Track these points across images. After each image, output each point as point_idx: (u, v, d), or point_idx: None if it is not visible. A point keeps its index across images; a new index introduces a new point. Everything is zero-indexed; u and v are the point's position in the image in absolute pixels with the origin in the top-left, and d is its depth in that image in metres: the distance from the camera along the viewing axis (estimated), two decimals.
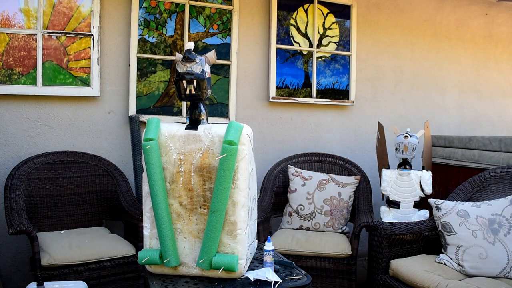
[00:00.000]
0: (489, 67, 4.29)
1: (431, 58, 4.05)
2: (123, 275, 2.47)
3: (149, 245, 1.66)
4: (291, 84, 3.53)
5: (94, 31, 2.94)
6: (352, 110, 3.76)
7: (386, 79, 3.89)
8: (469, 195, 2.57)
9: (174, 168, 1.60)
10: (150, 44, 3.12)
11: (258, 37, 3.45)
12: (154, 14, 3.12)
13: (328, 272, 2.71)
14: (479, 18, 4.21)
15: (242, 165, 1.57)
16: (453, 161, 3.28)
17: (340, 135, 3.74)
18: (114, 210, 2.83)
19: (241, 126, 1.60)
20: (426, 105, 4.04)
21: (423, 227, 2.46)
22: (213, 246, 1.56)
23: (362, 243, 3.53)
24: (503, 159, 2.84)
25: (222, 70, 3.32)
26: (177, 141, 1.60)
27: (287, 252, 2.68)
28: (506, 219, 2.19)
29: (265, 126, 3.50)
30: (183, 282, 1.61)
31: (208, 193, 1.59)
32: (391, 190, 2.96)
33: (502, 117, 4.39)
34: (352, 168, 3.30)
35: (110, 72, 3.04)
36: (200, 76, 1.58)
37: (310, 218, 2.99)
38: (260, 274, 1.61)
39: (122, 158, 3.09)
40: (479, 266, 2.14)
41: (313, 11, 3.56)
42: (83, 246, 2.38)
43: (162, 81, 3.17)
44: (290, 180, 3.14)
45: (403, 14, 3.92)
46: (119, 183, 2.86)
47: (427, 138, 3.27)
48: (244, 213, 1.59)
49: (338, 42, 3.66)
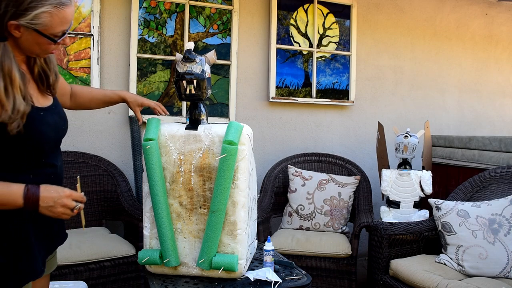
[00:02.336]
0: (489, 67, 4.29)
1: (431, 58, 4.05)
2: (123, 275, 2.47)
3: (149, 245, 1.66)
4: (291, 84, 3.53)
5: (94, 31, 2.94)
6: (352, 110, 3.76)
7: (386, 79, 3.89)
8: (469, 195, 2.57)
9: (174, 168, 1.60)
10: (150, 44, 3.12)
11: (258, 37, 3.45)
12: (154, 14, 3.12)
13: (328, 272, 2.71)
14: (479, 18, 4.21)
15: (242, 165, 1.57)
16: (453, 161, 3.28)
17: (340, 135, 3.74)
18: (114, 210, 2.83)
19: (241, 126, 1.60)
20: (426, 105, 4.04)
21: (423, 227, 2.46)
22: (213, 246, 1.56)
23: (362, 243, 3.53)
24: (503, 159, 2.84)
25: (222, 70, 3.32)
26: (177, 141, 1.60)
27: (287, 252, 2.68)
28: (506, 219, 2.19)
29: (265, 126, 3.50)
30: (183, 282, 1.61)
31: (208, 193, 1.59)
32: (391, 190, 2.96)
33: (502, 117, 4.39)
34: (352, 168, 3.30)
35: (110, 72, 3.04)
36: (200, 76, 1.58)
37: (310, 218, 2.99)
38: (260, 274, 1.61)
39: (122, 158, 3.09)
40: (479, 266, 2.14)
41: (313, 11, 3.56)
42: (83, 246, 2.38)
43: (162, 81, 3.17)
44: (290, 180, 3.14)
45: (403, 14, 3.92)
46: (119, 183, 2.86)
47: (427, 138, 3.27)
48: (244, 213, 1.59)
49: (338, 42, 3.66)
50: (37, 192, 1.11)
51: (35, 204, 1.11)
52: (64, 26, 1.15)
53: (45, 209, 1.13)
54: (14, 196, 1.09)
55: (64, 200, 1.14)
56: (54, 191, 1.14)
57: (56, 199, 1.13)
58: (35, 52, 1.18)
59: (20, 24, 1.08)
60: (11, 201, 1.09)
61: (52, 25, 1.12)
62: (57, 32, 1.14)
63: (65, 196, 1.15)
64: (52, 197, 1.13)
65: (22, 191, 1.10)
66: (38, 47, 1.16)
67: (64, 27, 1.15)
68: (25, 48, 1.16)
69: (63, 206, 1.15)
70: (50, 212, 1.14)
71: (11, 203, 1.10)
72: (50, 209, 1.13)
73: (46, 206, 1.12)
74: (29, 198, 1.10)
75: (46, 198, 1.12)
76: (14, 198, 1.09)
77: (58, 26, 1.13)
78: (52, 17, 1.11)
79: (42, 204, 1.12)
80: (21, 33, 1.11)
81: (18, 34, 1.11)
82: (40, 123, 1.18)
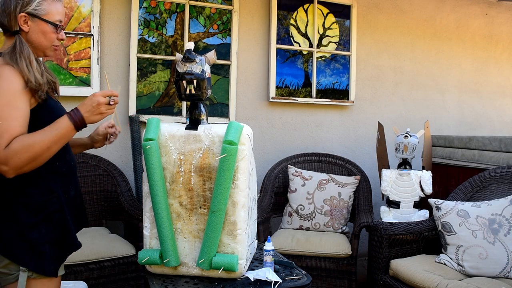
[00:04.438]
0: (489, 67, 4.29)
1: (431, 58, 4.05)
2: (123, 275, 2.47)
3: (149, 245, 1.66)
4: (291, 84, 3.53)
5: (94, 31, 2.94)
6: (352, 110, 3.76)
7: (386, 79, 3.89)
8: (469, 195, 2.57)
9: (174, 168, 1.60)
10: (150, 44, 3.12)
11: (258, 37, 3.45)
12: (154, 14, 3.12)
13: (328, 272, 2.71)
14: (479, 18, 4.21)
15: (242, 165, 1.57)
16: (453, 161, 3.28)
17: (340, 135, 3.74)
18: (114, 210, 2.83)
19: (241, 126, 1.60)
20: (426, 105, 4.04)
21: (423, 227, 2.46)
22: (213, 246, 1.56)
23: (362, 243, 3.53)
24: (503, 159, 2.84)
25: (222, 70, 3.32)
26: (177, 141, 1.60)
27: (287, 252, 2.68)
28: (506, 219, 2.19)
29: (265, 126, 3.50)
30: (183, 282, 1.61)
31: (208, 193, 1.59)
32: (391, 190, 2.96)
33: (502, 117, 4.39)
34: (352, 168, 3.30)
35: (110, 72, 3.04)
36: (200, 76, 1.58)
37: (310, 218, 2.99)
38: (260, 274, 1.61)
39: (122, 158, 3.09)
40: (479, 266, 2.14)
41: (313, 11, 3.56)
42: (83, 246, 2.37)
43: (162, 81, 3.17)
44: (290, 180, 3.14)
45: (403, 14, 3.92)
46: (119, 183, 2.86)
47: (427, 138, 3.27)
48: (244, 213, 1.59)
49: (338, 42, 3.66)
50: (77, 112, 1.33)
51: (82, 120, 1.33)
52: (59, 16, 1.38)
53: (91, 117, 1.35)
54: (65, 127, 1.31)
55: (99, 99, 1.35)
56: (87, 100, 1.35)
57: (93, 103, 1.34)
58: (43, 45, 1.37)
59: (27, 13, 1.32)
60: (66, 132, 1.31)
61: (51, 12, 1.36)
62: (56, 20, 1.37)
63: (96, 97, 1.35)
64: (89, 105, 1.34)
65: (67, 119, 1.31)
66: (44, 37, 1.36)
67: (59, 16, 1.38)
68: (34, 42, 1.36)
69: (100, 105, 1.35)
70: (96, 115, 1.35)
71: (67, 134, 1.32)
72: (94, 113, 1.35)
73: (89, 114, 1.34)
74: (76, 120, 1.32)
75: (85, 111, 1.34)
76: (66, 128, 1.31)
77: (55, 14, 1.37)
78: (50, 5, 1.36)
79: (86, 115, 1.34)
80: (29, 27, 1.34)
81: (27, 28, 1.33)
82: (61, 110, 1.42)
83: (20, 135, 1.24)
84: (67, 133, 1.31)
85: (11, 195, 1.32)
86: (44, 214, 1.35)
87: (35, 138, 1.26)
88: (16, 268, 1.32)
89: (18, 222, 1.31)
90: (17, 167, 1.24)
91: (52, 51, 1.43)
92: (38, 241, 1.32)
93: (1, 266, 1.32)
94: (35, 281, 1.34)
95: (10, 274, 1.32)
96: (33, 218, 1.33)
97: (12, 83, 1.26)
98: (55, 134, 1.29)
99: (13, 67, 1.27)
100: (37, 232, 1.32)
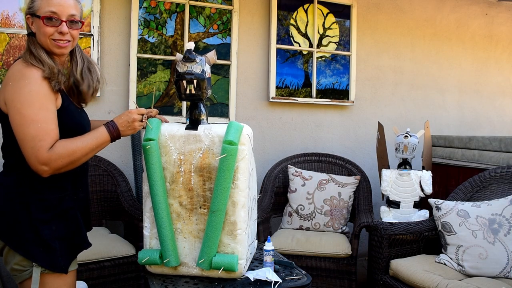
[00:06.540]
0: (489, 67, 4.29)
1: (431, 58, 4.05)
2: (123, 275, 2.47)
3: (149, 245, 1.66)
4: (291, 84, 3.53)
5: (94, 31, 2.94)
6: (352, 110, 3.76)
7: (386, 79, 3.89)
8: (469, 195, 2.57)
9: (174, 168, 1.60)
10: (150, 44, 3.12)
11: (258, 37, 3.45)
12: (154, 14, 3.12)
13: (328, 272, 2.71)
14: (479, 18, 4.21)
15: (242, 165, 1.57)
16: (453, 161, 3.28)
17: (340, 135, 3.74)
18: (114, 210, 2.83)
19: (241, 126, 1.60)
20: (426, 105, 4.04)
21: (423, 227, 2.46)
22: (213, 246, 1.56)
23: (362, 243, 3.53)
24: (503, 159, 2.84)
25: (222, 70, 3.32)
26: (177, 141, 1.60)
27: (287, 252, 2.68)
28: (506, 219, 2.19)
29: (265, 126, 3.50)
30: (183, 282, 1.61)
31: (208, 193, 1.59)
32: (391, 190, 2.96)
33: (502, 117, 4.39)
34: (352, 168, 3.30)
35: (110, 72, 3.04)
36: (200, 76, 1.58)
37: (310, 218, 2.99)
38: (260, 274, 1.61)
39: (122, 158, 3.09)
40: (479, 266, 2.14)
41: (313, 11, 3.56)
42: None
43: (162, 81, 3.17)
44: (290, 180, 3.14)
45: (403, 14, 3.92)
46: (119, 183, 2.86)
47: (427, 138, 3.27)
48: (244, 213, 1.59)
49: (338, 42, 3.66)
50: (115, 125, 1.44)
51: (118, 133, 1.44)
52: (50, 7, 1.34)
53: (126, 131, 1.47)
54: (103, 137, 1.41)
55: (134, 116, 1.48)
56: (124, 116, 1.47)
57: (129, 119, 1.47)
58: (43, 43, 1.37)
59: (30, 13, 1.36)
60: (103, 142, 1.41)
61: (41, 7, 1.34)
62: (45, 11, 1.33)
63: (132, 114, 1.48)
64: (125, 120, 1.46)
65: (105, 130, 1.42)
66: (40, 33, 1.36)
67: (50, 8, 1.34)
68: (39, 41, 1.37)
69: (135, 121, 1.48)
70: (130, 130, 1.48)
71: (104, 144, 1.42)
72: (129, 128, 1.47)
73: (125, 129, 1.46)
74: (112, 132, 1.43)
75: (122, 125, 1.45)
76: (104, 138, 1.41)
77: (45, 6, 1.34)
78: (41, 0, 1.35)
79: (122, 129, 1.46)
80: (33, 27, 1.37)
81: (34, 29, 1.37)
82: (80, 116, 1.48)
83: (61, 139, 1.32)
84: (104, 143, 1.41)
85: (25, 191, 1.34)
86: (57, 211, 1.39)
87: (78, 144, 1.34)
88: (29, 264, 1.34)
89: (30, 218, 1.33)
90: (57, 169, 1.31)
91: (56, 48, 1.37)
92: (49, 237, 1.35)
93: (15, 262, 1.35)
94: (49, 276, 1.37)
95: (24, 270, 1.35)
96: (45, 214, 1.36)
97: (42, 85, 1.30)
98: (95, 143, 1.38)
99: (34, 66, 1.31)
100: (48, 228, 1.35)
